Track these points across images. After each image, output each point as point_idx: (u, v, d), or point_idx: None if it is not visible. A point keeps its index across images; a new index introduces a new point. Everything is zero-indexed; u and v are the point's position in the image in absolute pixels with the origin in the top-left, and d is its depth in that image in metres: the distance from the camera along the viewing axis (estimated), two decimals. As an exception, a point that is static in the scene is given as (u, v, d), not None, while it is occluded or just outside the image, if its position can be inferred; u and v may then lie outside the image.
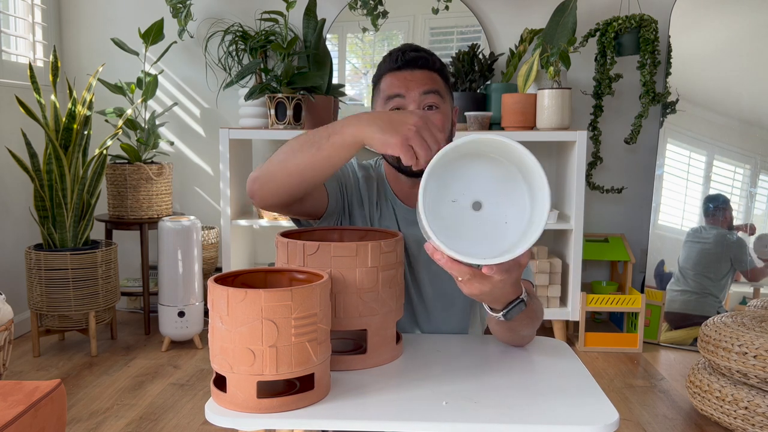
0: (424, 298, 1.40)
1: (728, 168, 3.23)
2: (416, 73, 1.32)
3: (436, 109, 1.32)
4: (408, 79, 1.31)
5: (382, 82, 1.35)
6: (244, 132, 3.10)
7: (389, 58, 1.35)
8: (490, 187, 1.01)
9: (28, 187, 3.17)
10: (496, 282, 0.99)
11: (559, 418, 0.96)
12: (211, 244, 3.42)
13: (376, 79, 1.38)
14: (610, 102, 3.37)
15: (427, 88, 1.31)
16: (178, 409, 2.39)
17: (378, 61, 1.46)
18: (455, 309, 1.41)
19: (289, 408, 0.97)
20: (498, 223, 1.00)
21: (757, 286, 3.16)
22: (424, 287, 1.39)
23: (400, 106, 1.31)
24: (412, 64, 1.32)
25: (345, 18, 3.43)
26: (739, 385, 2.22)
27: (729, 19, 3.23)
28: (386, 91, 1.32)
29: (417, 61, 1.32)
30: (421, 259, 1.38)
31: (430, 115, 1.29)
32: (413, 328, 1.42)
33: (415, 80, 1.31)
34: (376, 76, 1.38)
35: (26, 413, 1.40)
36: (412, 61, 1.32)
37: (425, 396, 1.02)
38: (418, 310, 1.41)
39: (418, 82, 1.31)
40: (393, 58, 1.34)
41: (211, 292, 0.97)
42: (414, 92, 1.30)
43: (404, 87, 1.31)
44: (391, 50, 1.37)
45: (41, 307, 2.84)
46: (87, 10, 3.54)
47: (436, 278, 1.39)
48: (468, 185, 1.01)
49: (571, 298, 3.03)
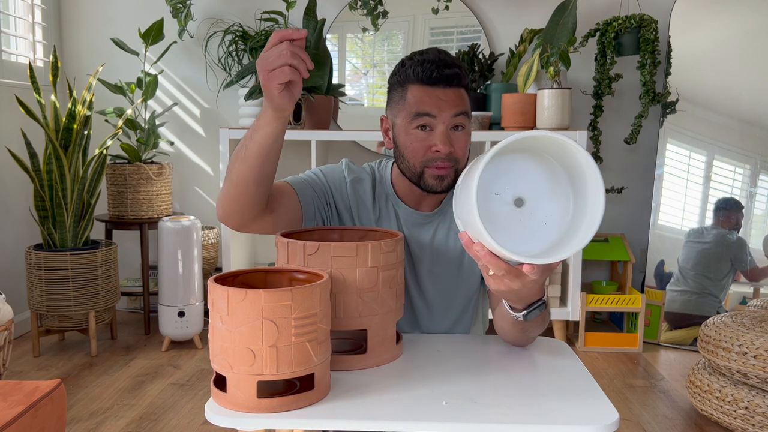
0: (426, 300, 1.40)
1: (728, 168, 3.23)
2: (449, 92, 1.26)
3: (462, 131, 1.28)
4: (441, 99, 1.25)
5: (409, 92, 1.27)
6: (244, 132, 3.09)
7: (420, 69, 1.26)
8: (534, 185, 1.00)
9: (28, 187, 3.17)
10: (528, 282, 0.99)
11: (559, 418, 0.96)
12: (211, 244, 3.42)
13: (400, 84, 1.30)
14: (610, 102, 3.37)
15: (459, 110, 1.26)
16: (178, 409, 2.39)
17: (378, 60, 1.44)
18: (457, 310, 1.41)
19: (289, 408, 0.97)
20: (538, 222, 0.99)
21: (757, 286, 3.16)
22: (426, 288, 1.39)
23: (428, 125, 1.26)
24: (446, 82, 1.26)
25: (345, 18, 3.43)
26: (739, 385, 2.22)
27: (729, 19, 3.23)
28: (416, 107, 1.26)
29: (452, 80, 1.26)
30: (424, 260, 1.38)
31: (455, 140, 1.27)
32: (414, 329, 1.42)
33: (448, 101, 1.25)
34: (400, 80, 1.30)
35: (26, 413, 1.40)
36: (447, 78, 1.25)
37: (425, 396, 1.02)
38: (419, 312, 1.41)
39: (451, 103, 1.25)
40: (426, 70, 1.25)
41: (211, 292, 0.97)
42: (445, 113, 1.25)
43: (436, 107, 1.25)
44: (422, 58, 1.27)
45: (41, 307, 2.84)
46: (87, 10, 3.54)
47: (438, 279, 1.39)
48: (513, 180, 0.99)
49: (571, 298, 3.03)
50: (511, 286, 1.00)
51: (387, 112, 1.36)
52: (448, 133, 1.26)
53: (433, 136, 1.26)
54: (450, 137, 1.27)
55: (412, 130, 1.28)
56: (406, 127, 1.29)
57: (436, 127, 1.26)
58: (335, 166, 1.42)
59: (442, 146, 1.25)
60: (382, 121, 1.38)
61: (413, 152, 1.28)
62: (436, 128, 1.26)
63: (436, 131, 1.26)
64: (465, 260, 1.39)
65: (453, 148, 1.27)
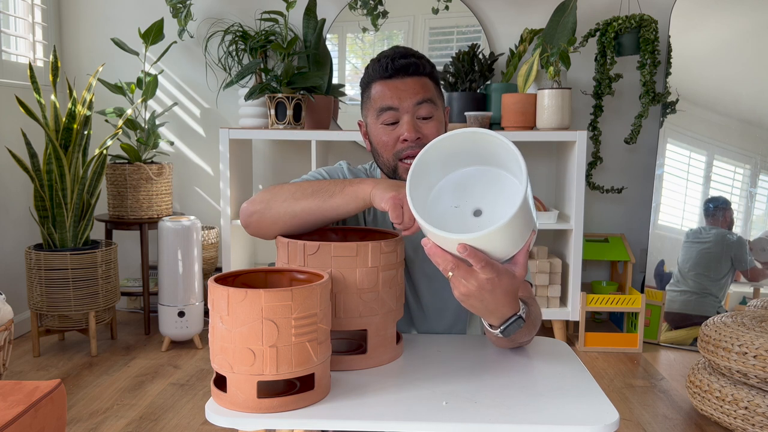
0: (420, 301, 1.40)
1: (728, 168, 3.23)
2: (407, 81, 1.29)
3: (429, 120, 1.30)
4: (400, 89, 1.28)
5: (372, 90, 1.32)
6: (244, 132, 3.10)
7: (378, 65, 1.30)
8: (486, 193, 1.03)
9: (28, 187, 3.17)
10: (484, 282, 0.97)
11: (559, 418, 0.96)
12: (211, 244, 3.42)
13: (365, 85, 1.34)
14: (610, 102, 3.37)
15: (420, 97, 1.28)
16: (178, 409, 2.39)
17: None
18: (451, 312, 1.41)
19: (289, 408, 0.97)
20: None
21: (757, 286, 3.16)
22: (420, 289, 1.39)
23: (395, 120, 1.29)
24: (403, 72, 1.29)
25: (345, 18, 3.43)
26: (739, 385, 2.22)
27: (729, 19, 3.23)
28: (378, 103, 1.30)
29: (407, 68, 1.29)
30: (417, 262, 1.38)
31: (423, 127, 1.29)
32: (410, 329, 1.42)
33: (408, 90, 1.28)
34: (365, 81, 1.35)
35: (26, 413, 1.40)
36: (402, 68, 1.29)
37: (425, 396, 1.02)
38: (414, 313, 1.41)
39: (411, 92, 1.28)
40: (382, 65, 1.29)
41: (212, 292, 0.97)
42: (407, 103, 1.28)
43: (396, 98, 1.28)
44: (380, 55, 1.33)
45: (41, 307, 2.84)
46: (87, 10, 3.54)
47: (431, 281, 1.39)
48: (467, 193, 1.04)
49: (571, 298, 3.03)
50: (470, 289, 0.98)
51: (362, 116, 1.39)
52: (414, 121, 1.29)
53: (399, 127, 1.29)
54: (416, 125, 1.29)
55: (380, 126, 1.31)
56: (374, 124, 1.32)
57: (401, 118, 1.29)
58: (335, 167, 1.43)
59: (408, 133, 1.27)
60: (360, 126, 1.40)
61: (384, 146, 1.31)
62: (401, 119, 1.29)
63: (401, 122, 1.29)
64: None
65: (422, 134, 1.28)
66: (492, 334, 1.14)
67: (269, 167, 3.57)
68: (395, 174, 1.32)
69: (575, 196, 2.96)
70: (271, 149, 3.55)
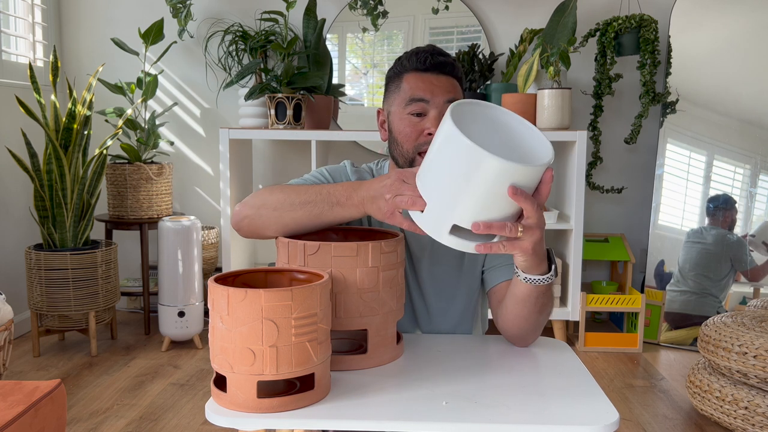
0: (425, 301, 1.40)
1: (728, 168, 3.23)
2: (442, 78, 1.30)
3: None
4: (434, 84, 1.29)
5: (404, 81, 1.32)
6: (244, 132, 3.10)
7: (415, 58, 1.31)
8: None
9: (28, 187, 3.17)
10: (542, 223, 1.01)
11: (559, 418, 0.96)
12: (211, 244, 3.42)
13: (396, 74, 1.34)
14: (610, 102, 3.37)
15: (451, 96, 1.29)
16: (178, 409, 2.39)
17: (378, 60, 1.46)
18: (457, 312, 1.41)
19: (289, 408, 0.97)
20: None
21: (757, 286, 3.16)
22: (426, 290, 1.39)
23: (422, 112, 1.29)
24: (440, 69, 1.30)
25: (345, 18, 3.43)
26: (739, 385, 2.22)
27: (729, 19, 3.23)
28: (410, 92, 1.30)
29: (444, 67, 1.30)
30: (424, 261, 1.38)
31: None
32: (414, 329, 1.41)
33: (441, 86, 1.29)
34: (396, 71, 1.34)
35: (26, 413, 1.40)
36: (440, 65, 1.30)
37: (425, 396, 1.02)
38: (419, 311, 1.41)
39: (443, 89, 1.29)
40: (420, 58, 1.30)
41: (212, 292, 0.97)
42: (438, 98, 1.29)
43: (429, 92, 1.29)
44: (416, 49, 1.33)
45: (41, 307, 2.84)
46: (87, 10, 3.54)
47: (437, 280, 1.38)
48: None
49: (571, 298, 3.03)
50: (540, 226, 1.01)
51: (383, 105, 1.39)
52: (440, 118, 1.28)
53: (426, 120, 1.29)
54: None
55: (406, 116, 1.31)
56: (400, 113, 1.32)
57: (428, 112, 1.29)
58: (339, 167, 1.43)
59: (434, 129, 1.27)
60: (378, 114, 1.40)
61: (406, 136, 1.31)
62: (428, 113, 1.29)
63: (428, 116, 1.29)
64: (465, 261, 1.39)
65: None
66: (525, 296, 1.17)
67: (269, 167, 3.57)
68: (411, 164, 1.32)
69: (575, 196, 2.96)
70: (271, 149, 3.55)
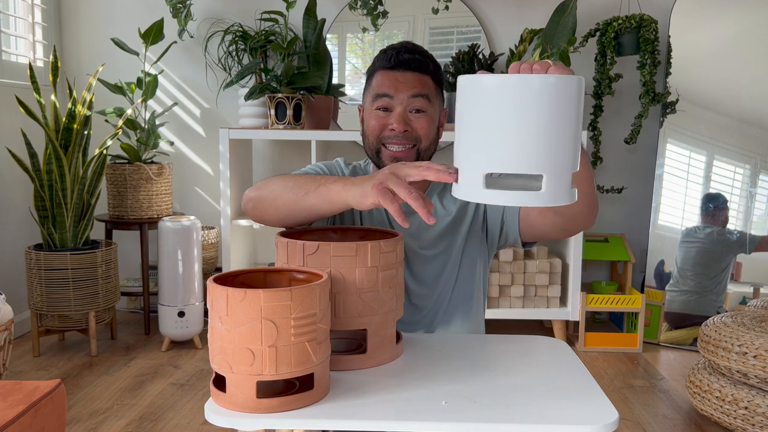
0: (421, 294, 1.41)
1: (728, 168, 3.23)
2: (408, 74, 1.34)
3: (421, 113, 1.34)
4: (399, 80, 1.33)
5: (373, 79, 1.37)
6: (244, 132, 3.10)
7: (383, 56, 1.36)
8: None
9: (28, 187, 3.17)
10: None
11: (559, 418, 0.96)
12: (211, 244, 3.42)
13: (369, 74, 1.40)
14: (610, 102, 3.37)
15: (416, 91, 1.33)
16: (178, 409, 2.39)
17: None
18: (456, 305, 1.42)
19: (289, 408, 0.97)
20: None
21: (757, 286, 3.16)
22: (418, 273, 1.41)
23: (387, 107, 1.34)
24: (405, 65, 1.34)
25: (345, 18, 3.43)
26: (739, 385, 2.22)
27: (729, 19, 3.23)
28: (375, 89, 1.35)
29: (410, 63, 1.34)
30: (419, 252, 1.40)
31: (413, 120, 1.33)
32: (415, 328, 1.42)
33: (406, 82, 1.33)
34: (370, 70, 1.40)
35: (26, 413, 1.40)
36: (405, 62, 1.34)
37: (425, 396, 1.02)
38: (416, 306, 1.41)
39: (408, 85, 1.33)
40: (387, 56, 1.35)
41: (211, 292, 0.97)
42: (402, 94, 1.33)
43: (393, 88, 1.33)
44: (388, 47, 1.38)
45: (41, 307, 2.84)
46: (87, 10, 3.54)
47: (428, 263, 1.40)
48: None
49: (571, 298, 3.03)
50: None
51: (362, 101, 1.44)
52: (405, 113, 1.34)
53: (391, 116, 1.34)
54: (407, 117, 1.34)
55: (374, 111, 1.36)
56: (369, 108, 1.37)
57: (394, 108, 1.34)
58: (333, 163, 1.48)
59: (396, 124, 1.33)
60: (359, 111, 1.45)
61: (372, 129, 1.36)
62: (394, 109, 1.34)
63: (394, 112, 1.34)
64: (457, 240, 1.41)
65: (410, 127, 1.34)
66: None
67: (269, 167, 3.56)
68: (378, 156, 1.37)
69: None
70: (271, 149, 3.55)
